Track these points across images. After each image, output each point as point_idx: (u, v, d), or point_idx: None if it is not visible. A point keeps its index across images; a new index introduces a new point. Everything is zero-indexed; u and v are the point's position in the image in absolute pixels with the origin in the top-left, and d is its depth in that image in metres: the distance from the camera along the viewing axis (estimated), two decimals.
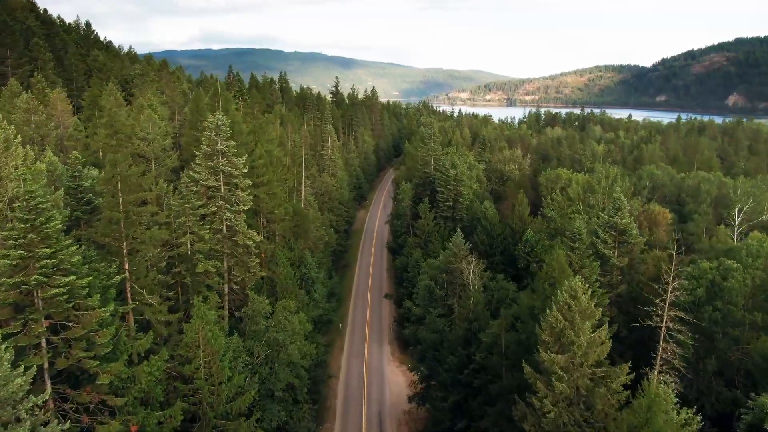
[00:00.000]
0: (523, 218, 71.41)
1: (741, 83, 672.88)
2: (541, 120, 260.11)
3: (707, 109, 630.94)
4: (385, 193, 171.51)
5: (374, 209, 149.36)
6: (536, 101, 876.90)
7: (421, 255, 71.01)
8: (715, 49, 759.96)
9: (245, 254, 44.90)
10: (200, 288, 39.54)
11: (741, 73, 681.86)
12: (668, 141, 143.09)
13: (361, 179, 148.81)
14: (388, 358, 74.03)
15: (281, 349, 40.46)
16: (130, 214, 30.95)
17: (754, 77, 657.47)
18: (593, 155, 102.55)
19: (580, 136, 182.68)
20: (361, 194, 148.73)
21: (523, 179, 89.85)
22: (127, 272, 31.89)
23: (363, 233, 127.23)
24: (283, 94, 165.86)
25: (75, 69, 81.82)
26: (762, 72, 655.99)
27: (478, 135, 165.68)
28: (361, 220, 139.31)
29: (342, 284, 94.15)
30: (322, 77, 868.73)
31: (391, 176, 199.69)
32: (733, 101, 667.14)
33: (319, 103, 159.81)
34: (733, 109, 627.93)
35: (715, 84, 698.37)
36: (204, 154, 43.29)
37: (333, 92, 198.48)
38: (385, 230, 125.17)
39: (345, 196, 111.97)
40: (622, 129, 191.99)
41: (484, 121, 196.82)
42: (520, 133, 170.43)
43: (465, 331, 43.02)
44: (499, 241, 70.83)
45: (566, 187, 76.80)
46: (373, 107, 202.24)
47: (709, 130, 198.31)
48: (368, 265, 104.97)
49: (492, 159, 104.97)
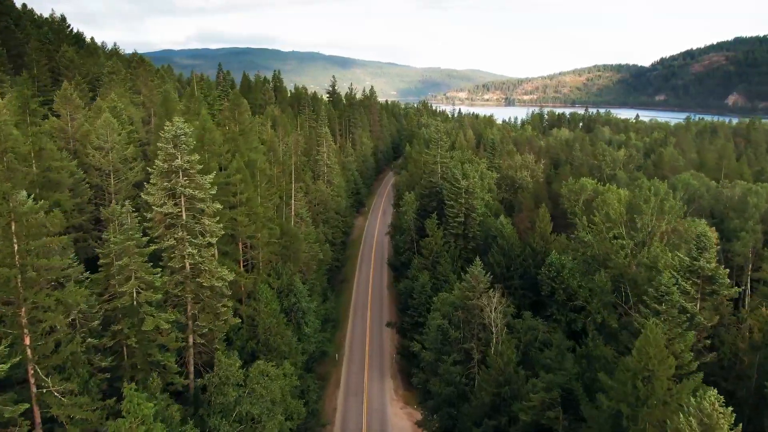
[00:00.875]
0: (545, 237, 61.83)
1: (740, 83, 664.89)
2: (544, 120, 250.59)
3: (706, 109, 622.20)
4: (384, 198, 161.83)
5: (373, 216, 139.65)
6: (535, 101, 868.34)
7: (428, 279, 61.38)
8: (714, 48, 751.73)
9: (214, 297, 35.16)
10: (150, 350, 29.85)
11: (740, 73, 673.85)
12: (684, 143, 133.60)
13: (359, 184, 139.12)
14: (391, 395, 64.22)
15: (257, 426, 30.81)
16: (28, 270, 21.22)
17: (753, 77, 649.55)
18: (614, 161, 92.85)
19: (590, 139, 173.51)
20: (359, 200, 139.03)
21: (539, 189, 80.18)
22: (29, 350, 22.20)
23: (362, 243, 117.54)
24: (277, 94, 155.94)
25: (36, 65, 71.83)
26: (762, 71, 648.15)
27: (482, 137, 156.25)
28: (360, 229, 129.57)
29: (338, 304, 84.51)
30: (320, 77, 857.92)
31: (390, 179, 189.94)
32: (733, 101, 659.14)
33: (315, 103, 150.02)
34: (732, 109, 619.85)
35: (715, 83, 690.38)
36: (159, 172, 33.52)
37: (330, 92, 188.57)
38: (385, 240, 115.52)
39: (342, 204, 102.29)
40: (632, 130, 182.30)
41: (489, 123, 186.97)
42: (527, 134, 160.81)
43: (492, 397, 33.47)
44: (519, 263, 61.29)
45: (592, 200, 67.27)
46: (371, 107, 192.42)
47: (720, 131, 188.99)
48: (367, 280, 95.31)
49: (502, 165, 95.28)
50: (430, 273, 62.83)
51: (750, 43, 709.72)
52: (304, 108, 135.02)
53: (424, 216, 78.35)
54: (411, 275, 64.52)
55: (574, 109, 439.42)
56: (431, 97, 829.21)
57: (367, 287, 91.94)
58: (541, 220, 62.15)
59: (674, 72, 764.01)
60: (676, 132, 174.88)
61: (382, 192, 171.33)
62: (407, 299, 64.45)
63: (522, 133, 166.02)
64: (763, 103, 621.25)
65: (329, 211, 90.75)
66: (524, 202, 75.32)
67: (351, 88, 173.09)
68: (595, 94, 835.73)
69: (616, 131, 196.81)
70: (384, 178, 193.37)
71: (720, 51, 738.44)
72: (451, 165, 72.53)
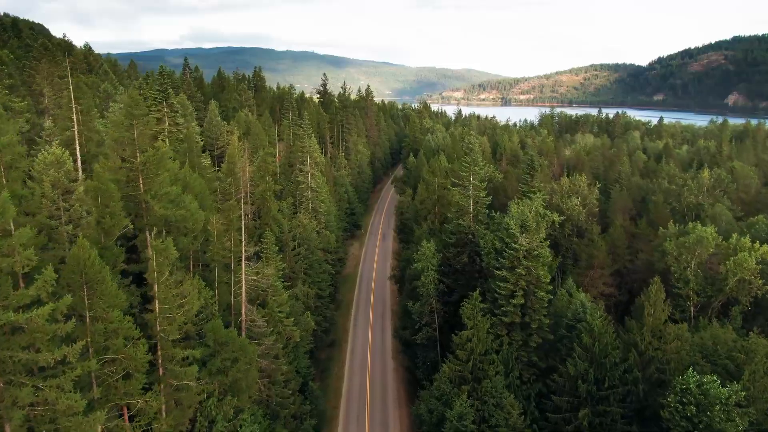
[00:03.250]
0: (660, 333, 36.73)
1: (740, 82, 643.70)
2: (554, 122, 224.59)
3: (706, 108, 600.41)
4: (383, 216, 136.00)
5: (371, 242, 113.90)
6: (531, 100, 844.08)
7: (466, 404, 36.12)
8: (712, 47, 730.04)
9: None
10: None
11: (740, 72, 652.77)
12: (743, 155, 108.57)
13: (354, 202, 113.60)
14: None
15: None
16: None
17: (754, 76, 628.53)
18: (699, 186, 67.45)
19: (615, 144, 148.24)
20: (354, 222, 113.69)
21: (618, 235, 54.68)
22: None
23: (357, 284, 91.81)
24: (258, 94, 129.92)
25: None
26: (762, 71, 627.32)
27: (498, 145, 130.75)
28: (355, 259, 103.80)
29: (325, 390, 59.15)
30: (314, 76, 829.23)
31: (390, 191, 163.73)
32: (733, 100, 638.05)
33: (301, 106, 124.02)
34: (733, 109, 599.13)
35: (714, 83, 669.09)
36: None
37: (320, 92, 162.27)
38: (386, 280, 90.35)
39: (331, 239, 76.78)
40: (666, 135, 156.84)
41: (505, 129, 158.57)
42: (549, 142, 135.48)
43: None
44: (617, 376, 36.35)
45: (714, 255, 42.24)
46: (367, 109, 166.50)
47: (758, 134, 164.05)
48: (365, 346, 69.91)
49: (542, 188, 69.81)
50: (469, 388, 37.46)
51: (749, 42, 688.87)
52: (287, 111, 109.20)
53: (448, 273, 52.69)
54: (436, 391, 39.01)
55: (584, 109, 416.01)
56: (427, 97, 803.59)
57: (365, 359, 66.53)
58: (652, 303, 36.91)
59: (672, 71, 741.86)
60: (741, 136, 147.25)
61: (380, 207, 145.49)
62: (430, 428, 39.08)
63: (543, 140, 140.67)
64: (764, 102, 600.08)
65: (313, 255, 65.13)
66: (596, 256, 50.00)
67: (344, 87, 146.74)
68: (593, 93, 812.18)
69: (642, 134, 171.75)
70: (382, 189, 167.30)
71: (718, 50, 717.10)
72: (504, 219, 46.61)
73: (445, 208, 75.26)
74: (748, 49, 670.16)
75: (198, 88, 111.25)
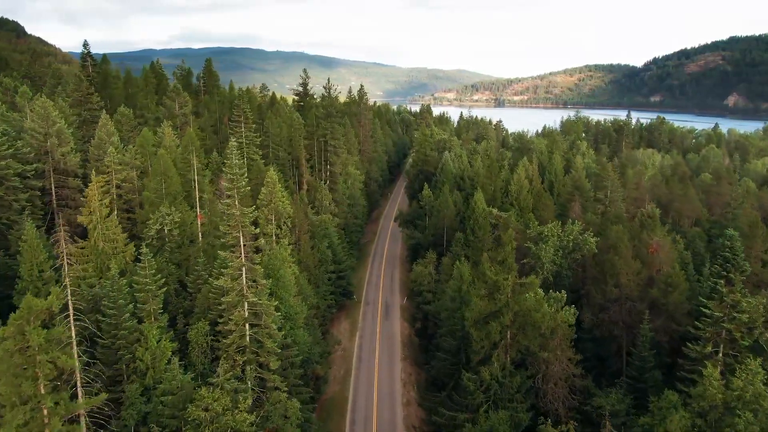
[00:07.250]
0: None
1: (740, 82, 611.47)
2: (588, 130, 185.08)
3: (706, 110, 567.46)
4: (383, 266, 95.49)
5: (369, 321, 73.14)
6: (525, 101, 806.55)
7: None
8: (709, 48, 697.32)
9: None
10: None
11: (739, 73, 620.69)
12: None
13: (342, 260, 73.66)
14: None
15: None
16: None
17: (754, 76, 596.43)
18: None
19: (692, 163, 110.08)
20: (342, 287, 73.74)
21: None
22: None
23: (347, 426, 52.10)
24: (202, 96, 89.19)
25: None
26: (762, 71, 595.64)
27: (546, 171, 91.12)
28: (344, 363, 63.42)
29: None
30: None
31: (389, 218, 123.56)
32: (733, 101, 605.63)
33: (265, 114, 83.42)
34: (734, 110, 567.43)
35: (712, 83, 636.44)
36: None
37: (299, 93, 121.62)
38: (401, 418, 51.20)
39: (304, 343, 37.41)
40: (704, 144, 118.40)
41: (552, 141, 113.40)
42: (602, 162, 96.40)
43: None
44: None
45: None
46: (361, 115, 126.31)
47: None
48: None
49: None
50: None
51: (746, 42, 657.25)
52: (239, 123, 68.88)
53: None
54: None
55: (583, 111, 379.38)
56: (419, 98, 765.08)
57: None
58: None
59: (669, 72, 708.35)
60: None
61: (378, 248, 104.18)
62: None
63: (595, 160, 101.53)
64: (766, 103, 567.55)
65: None
66: None
67: (328, 87, 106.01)
68: (588, 94, 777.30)
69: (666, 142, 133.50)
70: (380, 218, 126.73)
71: (715, 51, 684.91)
72: None
73: (525, 332, 36.04)
74: (746, 49, 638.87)
75: (103, 87, 70.59)
